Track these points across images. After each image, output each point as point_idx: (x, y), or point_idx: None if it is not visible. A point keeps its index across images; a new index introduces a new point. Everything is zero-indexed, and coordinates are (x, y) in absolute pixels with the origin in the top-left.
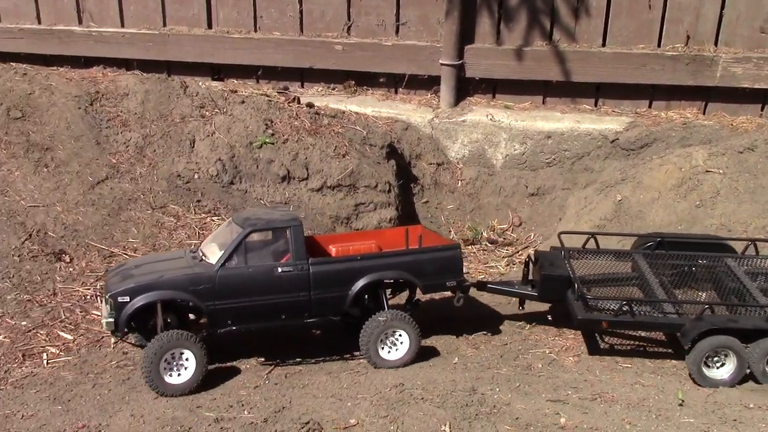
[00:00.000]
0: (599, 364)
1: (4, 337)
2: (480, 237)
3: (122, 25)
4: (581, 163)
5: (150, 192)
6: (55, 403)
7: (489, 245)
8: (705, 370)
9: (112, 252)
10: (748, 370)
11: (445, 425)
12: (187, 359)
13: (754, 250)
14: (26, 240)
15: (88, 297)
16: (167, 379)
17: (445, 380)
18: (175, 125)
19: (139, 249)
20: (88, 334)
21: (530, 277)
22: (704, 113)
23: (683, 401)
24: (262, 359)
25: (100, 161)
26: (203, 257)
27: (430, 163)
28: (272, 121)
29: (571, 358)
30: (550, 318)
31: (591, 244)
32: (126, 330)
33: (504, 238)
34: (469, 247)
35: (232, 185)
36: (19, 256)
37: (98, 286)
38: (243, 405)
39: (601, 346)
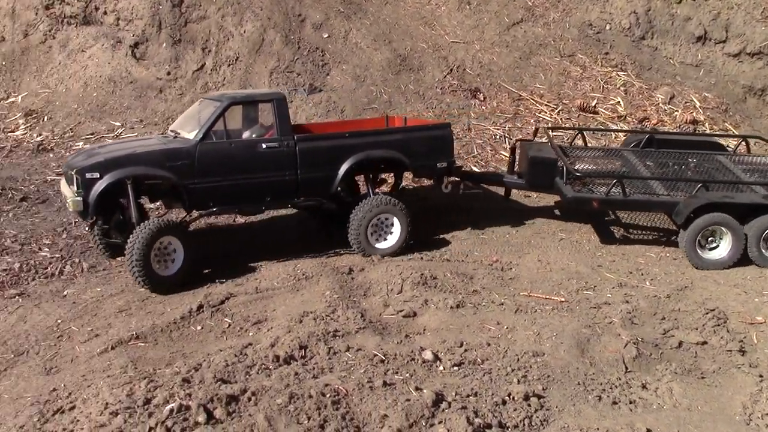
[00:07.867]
0: None
1: None
2: None
3: None
4: None
5: (560, 39)
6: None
7: None
8: (700, 251)
9: (521, 96)
10: None
11: None
12: (174, 250)
13: (746, 148)
14: (447, 74)
15: (498, 137)
16: (158, 271)
17: None
18: None
19: (545, 95)
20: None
21: (516, 167)
22: None
23: None
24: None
25: (516, 3)
26: (176, 135)
27: None
28: None
29: None
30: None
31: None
32: (95, 215)
33: None
34: None
35: (643, 41)
36: (441, 89)
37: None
38: (643, 275)
39: None
